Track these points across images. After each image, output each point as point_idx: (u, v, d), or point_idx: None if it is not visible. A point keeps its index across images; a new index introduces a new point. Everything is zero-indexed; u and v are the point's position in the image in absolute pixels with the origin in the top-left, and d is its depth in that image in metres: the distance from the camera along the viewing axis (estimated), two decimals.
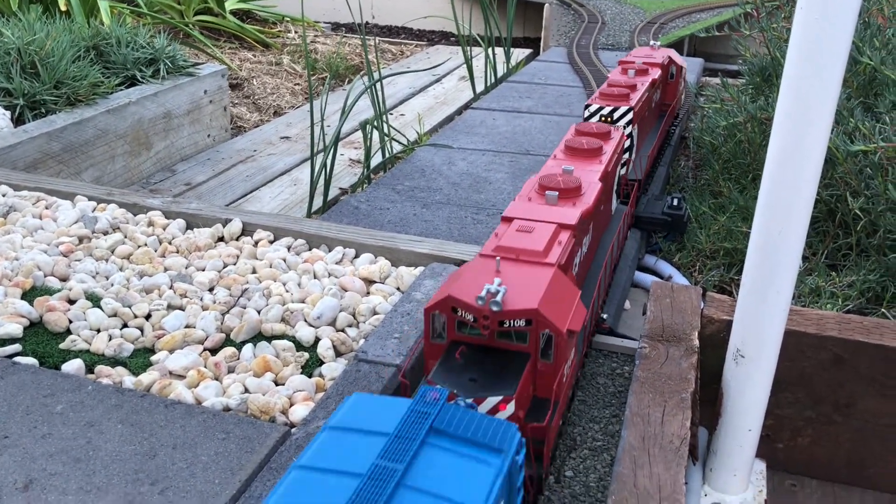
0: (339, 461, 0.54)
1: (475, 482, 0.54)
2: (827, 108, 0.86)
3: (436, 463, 0.56)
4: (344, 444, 0.56)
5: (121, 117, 2.14)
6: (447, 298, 0.85)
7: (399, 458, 0.54)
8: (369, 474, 0.52)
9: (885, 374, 1.11)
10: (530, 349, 0.86)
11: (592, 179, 1.15)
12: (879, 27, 1.61)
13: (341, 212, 1.81)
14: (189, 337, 1.13)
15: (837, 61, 0.84)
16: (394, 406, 0.59)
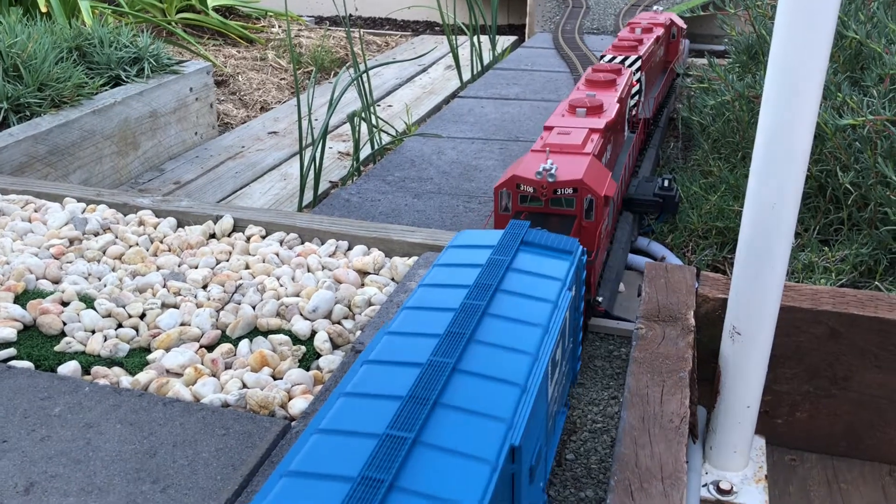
0: (465, 254, 0.84)
1: (557, 268, 0.83)
2: (814, 84, 0.86)
3: (529, 259, 0.83)
4: (462, 252, 0.85)
5: (107, 118, 2.12)
6: (512, 177, 1.11)
7: (504, 254, 0.82)
8: (486, 264, 0.80)
9: (880, 347, 1.11)
10: (576, 212, 1.12)
11: (612, 101, 1.41)
12: (864, 0, 1.61)
13: (332, 205, 1.81)
14: (185, 335, 1.12)
15: (823, 37, 0.84)
16: (494, 234, 0.87)
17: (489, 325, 0.70)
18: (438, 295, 0.75)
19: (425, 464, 0.53)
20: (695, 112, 1.93)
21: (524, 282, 0.78)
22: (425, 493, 0.51)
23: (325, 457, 0.54)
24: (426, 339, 0.67)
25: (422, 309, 0.73)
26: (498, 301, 0.74)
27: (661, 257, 1.67)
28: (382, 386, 0.61)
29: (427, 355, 0.64)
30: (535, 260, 0.83)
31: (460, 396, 0.60)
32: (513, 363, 0.65)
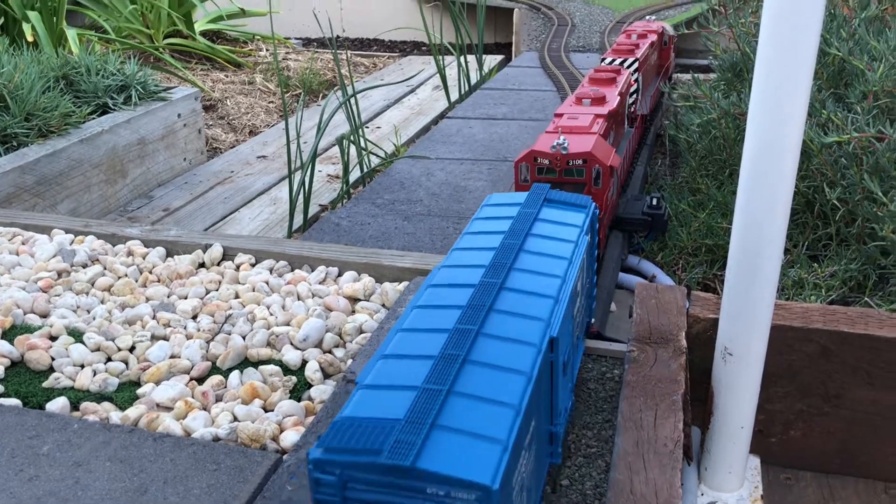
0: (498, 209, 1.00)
1: (575, 218, 1.00)
2: (800, 104, 0.87)
3: (551, 212, 1.00)
4: (495, 209, 1.01)
5: (94, 146, 2.12)
6: (530, 152, 1.30)
7: (532, 207, 0.99)
8: (517, 216, 0.97)
9: (871, 364, 1.11)
10: (586, 180, 1.29)
11: (613, 94, 1.60)
12: (845, 18, 1.62)
13: (322, 229, 1.81)
14: (175, 367, 1.11)
15: (807, 57, 0.85)
16: (520, 195, 1.03)
17: (524, 259, 0.88)
18: (480, 240, 0.93)
19: (488, 346, 0.72)
20: (681, 129, 1.94)
21: (549, 228, 0.97)
22: (489, 363, 0.69)
23: (392, 374, 0.69)
24: (476, 270, 0.85)
25: (468, 249, 0.91)
26: (529, 242, 0.92)
27: (652, 276, 1.67)
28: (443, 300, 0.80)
29: (478, 279, 0.82)
30: (557, 212, 1.01)
31: (508, 304, 0.79)
32: (546, 284, 0.84)
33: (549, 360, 0.76)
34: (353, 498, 0.60)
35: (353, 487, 0.60)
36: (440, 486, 0.58)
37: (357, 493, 0.60)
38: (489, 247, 0.90)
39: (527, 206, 1.00)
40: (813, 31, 0.84)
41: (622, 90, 1.65)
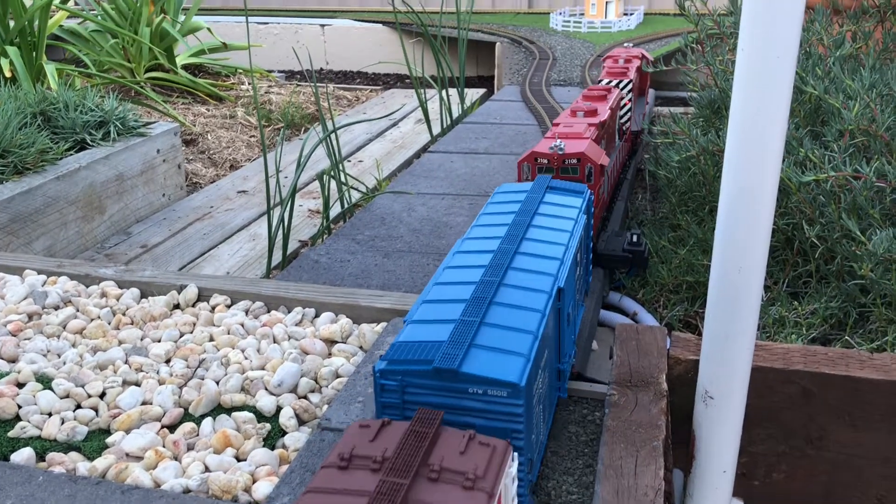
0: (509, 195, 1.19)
1: (574, 201, 1.17)
2: (775, 147, 0.87)
3: (554, 196, 1.18)
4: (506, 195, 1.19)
5: (71, 183, 2.10)
6: (532, 153, 1.46)
7: (537, 193, 1.17)
8: (525, 199, 1.14)
9: (853, 405, 1.10)
10: (580, 177, 1.45)
11: (605, 108, 1.76)
12: (821, 56, 1.64)
13: (301, 267, 1.79)
14: (146, 414, 1.09)
15: (781, 101, 0.85)
16: (527, 184, 1.22)
17: (533, 231, 1.06)
18: (495, 219, 1.11)
19: (508, 293, 0.90)
20: (661, 165, 1.95)
21: (552, 209, 1.14)
22: (510, 304, 0.87)
23: (434, 312, 0.87)
24: (493, 240, 1.04)
25: (485, 226, 1.09)
26: (536, 219, 1.10)
27: (633, 313, 1.66)
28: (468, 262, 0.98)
29: (496, 246, 1.01)
30: (558, 197, 1.19)
31: (522, 264, 0.97)
32: (553, 249, 1.02)
33: (556, 306, 0.94)
34: (411, 400, 0.78)
35: (410, 392, 0.79)
36: (479, 385, 0.76)
37: (413, 397, 0.79)
38: (503, 223, 1.09)
39: (533, 192, 1.18)
40: (786, 77, 0.84)
41: (612, 105, 1.84)
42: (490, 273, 0.93)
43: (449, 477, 0.63)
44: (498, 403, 0.77)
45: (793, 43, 0.83)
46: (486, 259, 0.98)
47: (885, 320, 1.31)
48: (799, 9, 0.81)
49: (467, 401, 0.77)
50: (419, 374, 0.78)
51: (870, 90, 1.45)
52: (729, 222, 0.93)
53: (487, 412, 0.77)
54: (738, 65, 0.85)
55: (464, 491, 0.62)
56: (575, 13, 4.91)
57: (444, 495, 0.61)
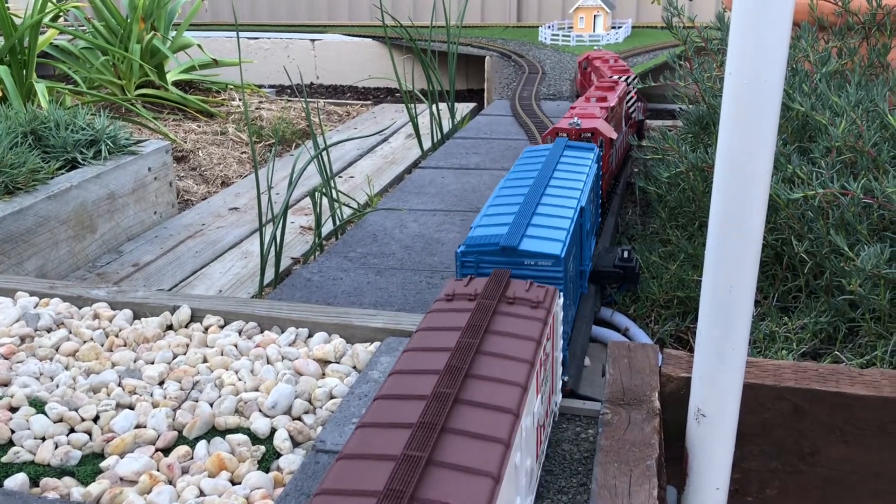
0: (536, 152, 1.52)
1: (587, 154, 1.51)
2: (763, 171, 0.88)
3: (571, 152, 1.50)
4: (532, 153, 1.52)
5: (63, 202, 2.09)
6: (554, 128, 1.74)
7: (559, 150, 1.48)
8: (549, 154, 1.47)
9: (844, 421, 1.11)
10: None
11: (613, 97, 2.09)
12: (807, 73, 1.66)
13: (294, 285, 1.79)
14: (140, 437, 1.09)
15: (769, 124, 0.86)
16: (549, 146, 1.55)
17: (557, 173, 1.39)
18: (526, 169, 1.43)
19: (545, 207, 1.23)
20: (650, 181, 1.96)
21: (570, 160, 1.47)
22: (547, 214, 1.20)
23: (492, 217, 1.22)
24: (527, 181, 1.35)
25: (521, 171, 1.42)
26: (559, 165, 1.43)
27: (625, 328, 1.67)
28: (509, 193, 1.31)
29: (530, 184, 1.33)
30: (575, 153, 1.52)
31: (552, 192, 1.30)
32: (574, 183, 1.35)
33: (579, 221, 1.26)
34: (483, 273, 1.09)
35: (482, 266, 1.11)
36: (532, 258, 1.10)
37: (485, 269, 1.10)
38: (534, 168, 1.41)
39: (555, 149, 1.52)
40: (774, 99, 0.85)
41: (620, 95, 2.19)
42: (530, 196, 1.27)
43: (521, 301, 0.93)
44: (545, 270, 1.10)
45: (780, 67, 0.84)
46: (524, 189, 1.31)
47: (874, 335, 1.33)
48: (786, 33, 0.82)
49: (523, 270, 1.10)
50: (489, 252, 1.11)
51: (856, 107, 1.46)
52: (719, 243, 0.94)
53: (537, 277, 1.08)
54: (725, 88, 0.87)
55: (532, 309, 0.91)
56: (564, 27, 4.94)
57: (519, 310, 0.91)
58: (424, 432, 0.67)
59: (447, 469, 0.63)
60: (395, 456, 0.64)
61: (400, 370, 0.80)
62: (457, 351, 0.81)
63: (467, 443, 0.67)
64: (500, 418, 0.71)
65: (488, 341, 0.84)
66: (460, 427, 0.68)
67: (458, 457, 0.65)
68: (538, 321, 0.89)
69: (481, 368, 0.79)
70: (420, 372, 0.78)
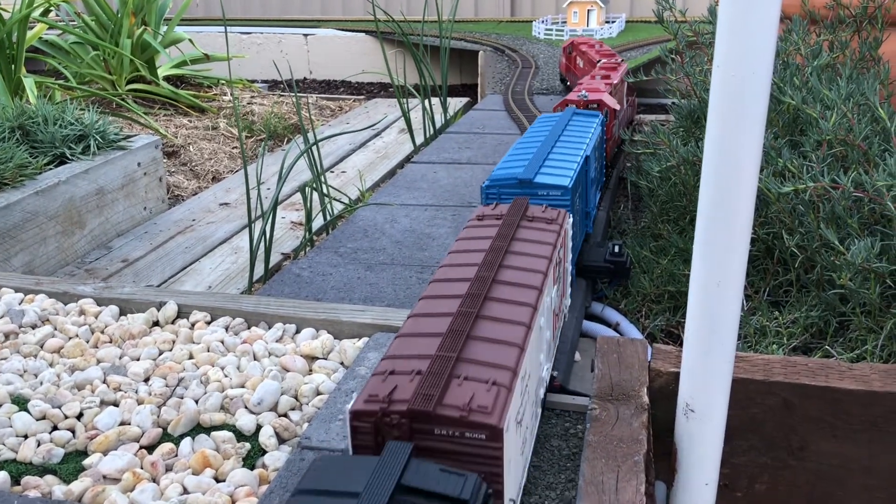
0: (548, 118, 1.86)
1: (593, 119, 1.80)
2: (751, 165, 0.87)
3: (579, 117, 1.82)
4: (545, 119, 1.85)
5: (51, 198, 2.08)
6: (564, 100, 2.00)
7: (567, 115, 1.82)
8: (558, 120, 1.80)
9: (833, 416, 1.11)
10: None
11: (616, 76, 2.36)
12: (798, 66, 1.65)
13: (283, 281, 1.78)
14: (124, 435, 1.08)
15: (757, 118, 0.85)
16: (558, 113, 1.86)
17: (567, 130, 1.67)
18: (540, 129, 1.71)
19: (555, 153, 1.53)
20: (642, 176, 1.95)
21: (578, 122, 1.74)
22: (559, 157, 1.50)
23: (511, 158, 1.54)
24: (542, 135, 1.65)
25: (536, 132, 1.68)
26: (568, 126, 1.70)
27: (616, 323, 1.66)
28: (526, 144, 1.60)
29: (544, 137, 1.61)
30: (582, 118, 1.79)
31: (563, 143, 1.59)
32: (581, 137, 1.63)
33: (584, 168, 1.52)
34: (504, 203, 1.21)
35: (503, 197, 1.38)
36: (544, 189, 1.36)
37: (505, 200, 1.27)
38: (546, 129, 1.70)
39: (564, 115, 1.80)
40: (762, 93, 0.84)
41: (621, 76, 2.45)
42: (542, 147, 1.55)
43: (538, 219, 1.14)
44: (555, 199, 1.36)
45: (768, 59, 0.83)
46: (538, 143, 1.58)
47: (865, 329, 1.32)
48: (773, 26, 0.81)
49: (537, 199, 1.35)
50: (508, 185, 1.39)
51: (847, 100, 1.46)
52: (707, 238, 0.93)
53: (549, 205, 1.24)
54: (713, 82, 0.86)
55: (547, 224, 1.13)
56: (557, 21, 4.93)
57: (537, 225, 1.13)
58: (471, 300, 0.90)
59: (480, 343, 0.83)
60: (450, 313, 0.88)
61: (447, 264, 1.02)
62: (490, 251, 1.02)
63: (504, 308, 0.90)
64: (527, 292, 0.93)
65: (514, 246, 1.05)
66: (496, 296, 0.92)
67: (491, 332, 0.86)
68: (553, 232, 1.11)
69: (510, 262, 1.00)
70: (462, 265, 1.00)
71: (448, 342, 0.82)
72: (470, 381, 0.76)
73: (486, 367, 0.79)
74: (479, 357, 0.80)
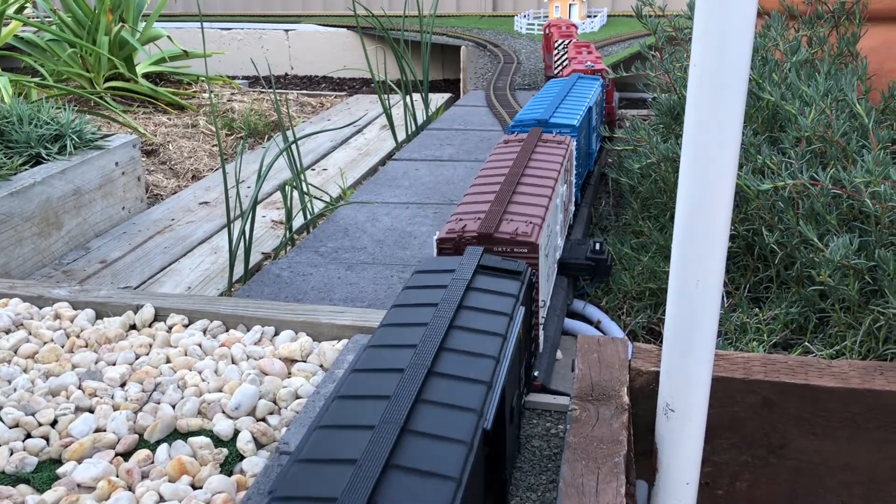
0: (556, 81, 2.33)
1: (595, 82, 2.28)
2: (728, 164, 0.86)
3: (584, 81, 2.27)
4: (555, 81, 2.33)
5: (26, 199, 2.05)
6: (573, 69, 2.41)
7: (574, 79, 2.30)
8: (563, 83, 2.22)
9: (813, 413, 1.11)
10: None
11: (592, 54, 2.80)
12: (777, 62, 1.65)
13: (263, 281, 1.76)
14: (99, 442, 1.06)
15: (734, 118, 0.84)
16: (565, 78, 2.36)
17: (573, 92, 2.08)
18: (550, 89, 2.11)
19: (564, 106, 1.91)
20: (623, 173, 1.95)
21: (583, 84, 2.16)
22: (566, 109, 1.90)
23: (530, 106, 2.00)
24: (550, 96, 2.02)
25: (545, 93, 2.08)
26: (574, 89, 2.11)
27: (597, 321, 1.66)
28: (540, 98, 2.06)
29: (553, 97, 1.99)
30: (586, 80, 2.23)
31: (568, 99, 2.00)
32: (585, 95, 2.06)
33: (588, 116, 1.90)
34: None
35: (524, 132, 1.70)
36: (558, 128, 1.71)
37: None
38: (556, 88, 2.09)
39: (570, 79, 2.24)
40: (739, 91, 0.83)
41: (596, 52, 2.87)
42: (555, 99, 1.94)
43: (550, 142, 1.54)
44: (566, 135, 1.68)
45: (745, 57, 0.82)
46: (551, 97, 1.99)
47: (844, 325, 1.32)
48: (750, 25, 0.80)
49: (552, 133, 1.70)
50: (529, 125, 1.75)
51: (825, 96, 1.46)
52: (685, 237, 0.92)
53: None
54: (690, 80, 0.85)
55: (557, 145, 1.52)
56: (539, 16, 4.92)
57: (550, 146, 1.52)
58: (507, 184, 1.32)
59: (517, 205, 1.25)
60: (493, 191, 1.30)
61: (484, 169, 1.44)
62: (514, 162, 1.43)
63: (531, 189, 1.31)
64: (547, 182, 1.35)
65: (533, 157, 1.46)
66: (525, 183, 1.34)
67: (524, 200, 1.27)
68: (562, 151, 1.51)
69: (531, 167, 1.41)
70: (496, 168, 1.42)
71: (497, 203, 1.25)
72: (514, 221, 1.18)
73: (524, 215, 1.21)
74: (518, 210, 1.22)
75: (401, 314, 0.85)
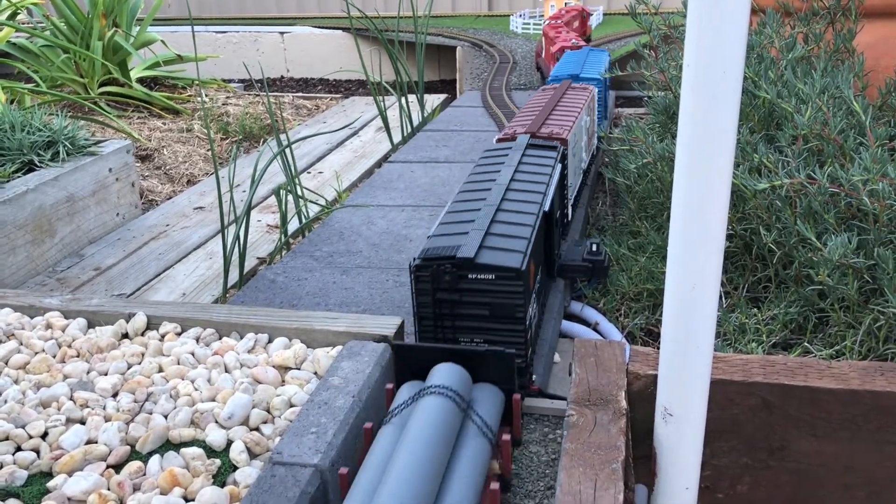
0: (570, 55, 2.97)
1: (603, 57, 2.82)
2: (724, 165, 0.85)
3: (597, 53, 2.92)
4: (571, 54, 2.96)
5: (19, 206, 2.03)
6: (560, 48, 3.04)
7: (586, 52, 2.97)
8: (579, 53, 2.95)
9: (812, 415, 1.10)
10: None
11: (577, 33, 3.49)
12: (773, 60, 1.63)
13: (257, 287, 1.75)
14: (90, 454, 1.05)
15: (729, 118, 0.83)
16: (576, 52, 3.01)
17: (588, 62, 2.65)
18: (568, 59, 2.80)
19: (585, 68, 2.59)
20: (619, 172, 1.94)
21: (595, 58, 2.75)
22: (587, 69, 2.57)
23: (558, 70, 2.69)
24: (572, 63, 2.70)
25: (565, 61, 2.77)
26: (588, 59, 2.73)
27: (595, 323, 1.64)
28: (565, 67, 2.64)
29: (575, 62, 2.70)
30: (596, 54, 2.83)
31: (588, 65, 2.61)
32: (599, 65, 2.59)
33: (605, 79, 2.45)
34: None
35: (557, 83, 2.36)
36: (586, 81, 2.38)
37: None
38: (575, 58, 2.76)
39: (582, 52, 2.85)
40: (733, 91, 0.82)
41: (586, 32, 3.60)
42: (578, 63, 2.56)
43: (578, 88, 2.16)
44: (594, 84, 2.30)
45: (739, 57, 0.81)
46: (574, 62, 2.59)
47: (844, 324, 1.31)
48: (743, 25, 0.79)
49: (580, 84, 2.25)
50: (563, 78, 2.37)
51: (821, 94, 1.44)
52: (681, 240, 0.91)
53: None
54: (683, 81, 0.84)
55: (583, 90, 2.14)
56: (535, 15, 4.91)
57: (577, 90, 2.16)
58: (545, 109, 1.87)
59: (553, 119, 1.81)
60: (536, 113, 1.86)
61: (527, 106, 1.99)
62: (550, 98, 1.97)
63: (563, 112, 1.86)
64: (573, 110, 1.86)
65: (564, 97, 1.99)
66: (558, 110, 1.87)
67: (557, 118, 1.81)
68: (587, 94, 2.03)
69: (562, 103, 1.93)
70: (537, 104, 1.97)
71: (538, 118, 1.80)
72: (551, 126, 1.74)
73: (557, 123, 1.76)
74: (554, 121, 1.78)
75: (481, 167, 1.50)
